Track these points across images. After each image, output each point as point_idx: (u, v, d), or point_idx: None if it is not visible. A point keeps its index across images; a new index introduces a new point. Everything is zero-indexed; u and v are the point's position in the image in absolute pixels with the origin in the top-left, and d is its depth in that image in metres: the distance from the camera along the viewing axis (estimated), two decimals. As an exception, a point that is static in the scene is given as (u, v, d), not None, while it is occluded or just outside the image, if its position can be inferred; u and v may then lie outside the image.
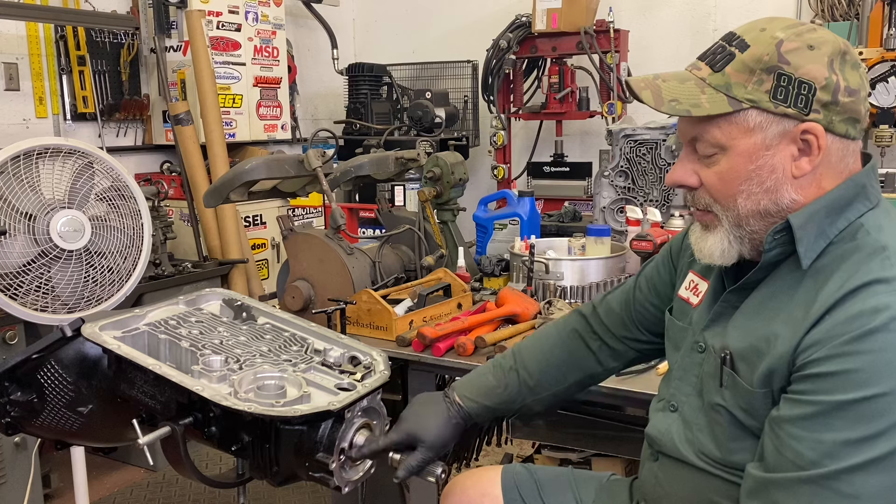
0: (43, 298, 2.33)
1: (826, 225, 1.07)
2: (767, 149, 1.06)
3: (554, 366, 1.49)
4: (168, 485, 3.34)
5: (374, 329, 2.12)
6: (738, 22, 1.13)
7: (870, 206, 1.09)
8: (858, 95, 1.06)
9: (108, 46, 4.03)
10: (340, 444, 1.22)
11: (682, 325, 1.30)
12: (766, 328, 1.08)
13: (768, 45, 1.05)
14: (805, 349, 1.01)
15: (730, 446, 1.14)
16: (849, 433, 0.94)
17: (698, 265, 1.30)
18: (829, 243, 1.07)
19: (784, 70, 1.04)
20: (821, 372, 0.98)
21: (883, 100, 3.38)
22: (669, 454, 1.25)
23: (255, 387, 1.26)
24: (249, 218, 4.17)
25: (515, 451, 3.07)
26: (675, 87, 1.10)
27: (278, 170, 2.40)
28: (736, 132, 1.07)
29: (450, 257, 2.61)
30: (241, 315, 1.53)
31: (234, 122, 4.24)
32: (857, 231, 1.06)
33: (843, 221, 1.07)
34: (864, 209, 1.08)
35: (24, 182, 2.29)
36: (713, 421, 1.16)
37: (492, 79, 4.46)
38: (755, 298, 1.13)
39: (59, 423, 1.37)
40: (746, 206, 1.09)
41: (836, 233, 1.07)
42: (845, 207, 1.07)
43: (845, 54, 1.05)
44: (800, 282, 1.07)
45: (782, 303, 1.08)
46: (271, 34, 4.47)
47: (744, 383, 1.10)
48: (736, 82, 1.06)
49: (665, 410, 1.28)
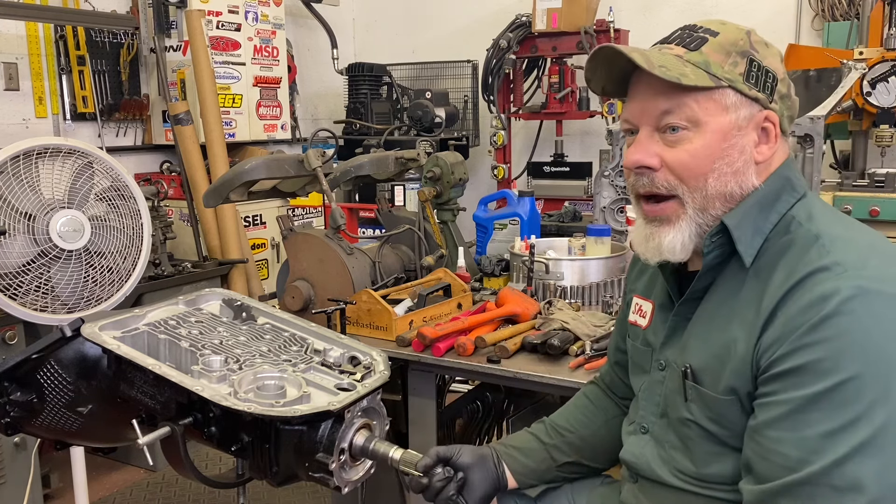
0: (43, 298, 2.33)
1: (760, 221, 1.08)
2: (739, 129, 1.08)
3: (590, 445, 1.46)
4: (168, 485, 3.34)
5: (374, 329, 2.11)
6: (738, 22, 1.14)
7: (797, 196, 1.10)
8: (793, 97, 1.13)
9: (107, 46, 4.03)
10: (340, 445, 1.22)
11: (643, 349, 1.30)
12: (723, 335, 1.08)
13: (739, 32, 1.11)
14: (765, 350, 1.01)
15: (704, 459, 1.13)
16: (827, 424, 0.92)
17: (640, 287, 1.33)
18: (765, 239, 1.08)
19: (755, 57, 1.09)
20: (785, 369, 0.97)
21: (883, 100, 3.38)
22: (647, 476, 1.24)
23: (254, 387, 1.26)
24: (249, 218, 4.17)
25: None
26: (659, 56, 1.10)
27: (278, 170, 2.40)
28: (713, 108, 1.08)
29: (450, 257, 2.61)
30: (241, 315, 1.53)
31: (234, 122, 4.24)
32: (790, 223, 1.08)
33: (774, 215, 1.09)
34: (793, 200, 1.10)
35: (23, 182, 2.29)
36: (684, 436, 1.15)
37: (492, 79, 4.46)
38: (705, 308, 1.13)
39: (58, 423, 1.37)
40: (716, 186, 1.08)
41: (771, 227, 1.08)
42: (774, 201, 1.09)
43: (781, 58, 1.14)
44: (744, 282, 1.08)
45: (732, 307, 1.08)
46: (271, 34, 4.47)
47: (710, 393, 1.09)
48: (714, 61, 1.08)
49: (636, 433, 1.28)
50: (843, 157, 3.89)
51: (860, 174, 3.61)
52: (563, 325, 1.98)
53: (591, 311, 2.18)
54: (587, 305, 2.30)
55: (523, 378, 1.86)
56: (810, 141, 2.57)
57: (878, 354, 0.92)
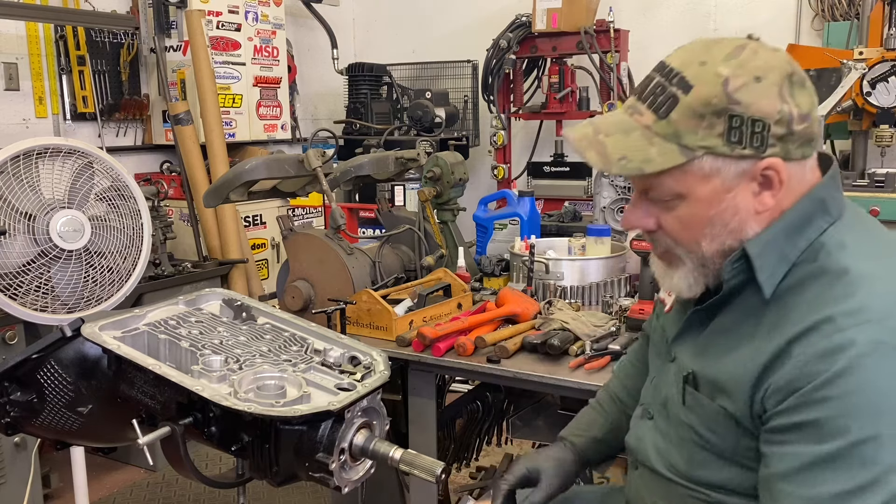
0: (43, 298, 2.33)
1: (787, 248, 1.01)
2: (728, 191, 1.01)
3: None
4: (168, 485, 3.34)
5: (374, 329, 2.11)
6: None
7: (831, 220, 1.03)
8: (811, 118, 1.00)
9: (107, 46, 4.03)
10: (340, 445, 1.22)
11: (660, 334, 1.28)
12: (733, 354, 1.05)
13: (714, 85, 0.97)
14: (776, 391, 0.97)
15: (696, 462, 1.13)
16: (841, 485, 0.90)
17: None
18: (792, 265, 1.02)
19: (735, 111, 0.96)
20: (799, 421, 0.94)
21: (883, 100, 3.38)
22: (645, 464, 1.25)
23: (255, 387, 1.26)
24: (249, 218, 4.17)
25: (515, 451, 3.07)
26: (620, 141, 1.03)
27: (278, 170, 2.40)
28: (692, 181, 1.01)
29: (450, 257, 2.61)
30: (241, 315, 1.53)
31: (234, 121, 4.24)
32: (819, 251, 1.01)
33: (804, 241, 1.02)
34: (826, 224, 1.02)
35: (23, 182, 2.29)
36: (682, 437, 1.15)
37: (492, 79, 4.46)
38: (720, 323, 1.10)
39: (58, 423, 1.36)
40: (711, 247, 1.05)
41: (798, 253, 1.01)
42: (805, 226, 1.02)
43: (792, 75, 0.99)
44: (764, 307, 1.03)
45: (747, 328, 1.04)
46: (271, 34, 4.47)
47: (708, 403, 1.08)
48: (686, 130, 0.99)
49: (644, 417, 1.28)
50: (843, 157, 3.89)
51: (860, 174, 3.61)
52: (563, 325, 1.98)
53: (591, 311, 2.18)
54: (587, 305, 2.31)
55: (523, 378, 1.86)
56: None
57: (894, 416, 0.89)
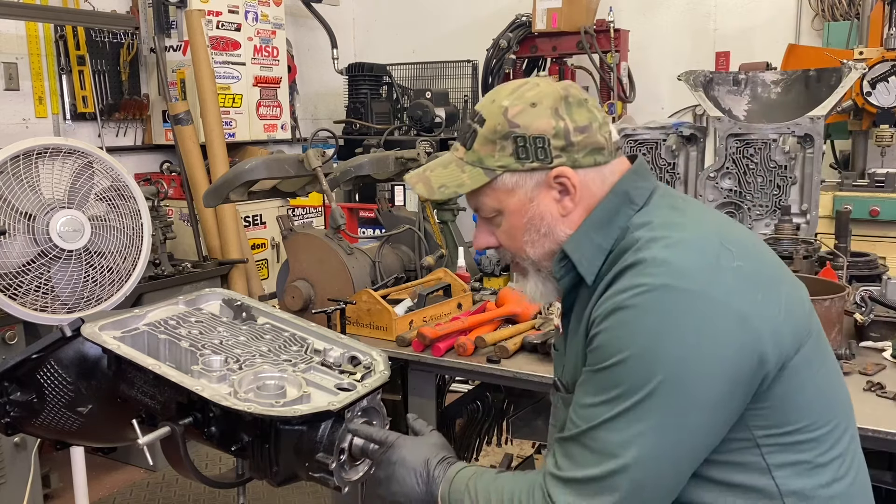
0: (42, 298, 2.33)
1: (599, 238, 1.17)
2: (531, 201, 1.18)
3: None
4: (168, 485, 3.34)
5: (374, 329, 2.11)
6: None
7: (636, 207, 1.18)
8: (591, 129, 1.16)
9: (107, 46, 4.03)
10: (340, 445, 1.22)
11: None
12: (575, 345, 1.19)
13: (498, 116, 1.16)
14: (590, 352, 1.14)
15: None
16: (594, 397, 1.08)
17: None
18: (609, 252, 1.16)
19: (517, 132, 1.15)
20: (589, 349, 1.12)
21: (883, 100, 3.38)
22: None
23: (254, 387, 1.26)
24: (249, 218, 4.17)
25: (515, 451, 3.07)
26: (441, 174, 1.23)
27: (278, 170, 2.40)
28: (501, 195, 1.19)
29: (450, 257, 2.61)
30: (241, 315, 1.53)
31: (234, 121, 4.24)
32: (626, 234, 1.16)
33: (614, 230, 1.17)
34: (632, 212, 1.17)
35: (23, 182, 2.29)
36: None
37: (492, 78, 4.46)
38: (572, 320, 1.24)
39: (58, 423, 1.37)
40: (535, 252, 1.21)
41: (612, 241, 1.16)
42: (613, 217, 1.17)
43: (567, 98, 1.16)
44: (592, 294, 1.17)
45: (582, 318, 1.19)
46: (271, 34, 4.47)
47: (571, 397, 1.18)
48: (485, 154, 1.18)
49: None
50: (843, 156, 3.90)
51: (860, 174, 3.61)
52: (563, 325, 1.98)
53: (591, 311, 2.18)
54: (587, 305, 2.30)
55: (523, 378, 1.86)
56: (810, 141, 2.57)
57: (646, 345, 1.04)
